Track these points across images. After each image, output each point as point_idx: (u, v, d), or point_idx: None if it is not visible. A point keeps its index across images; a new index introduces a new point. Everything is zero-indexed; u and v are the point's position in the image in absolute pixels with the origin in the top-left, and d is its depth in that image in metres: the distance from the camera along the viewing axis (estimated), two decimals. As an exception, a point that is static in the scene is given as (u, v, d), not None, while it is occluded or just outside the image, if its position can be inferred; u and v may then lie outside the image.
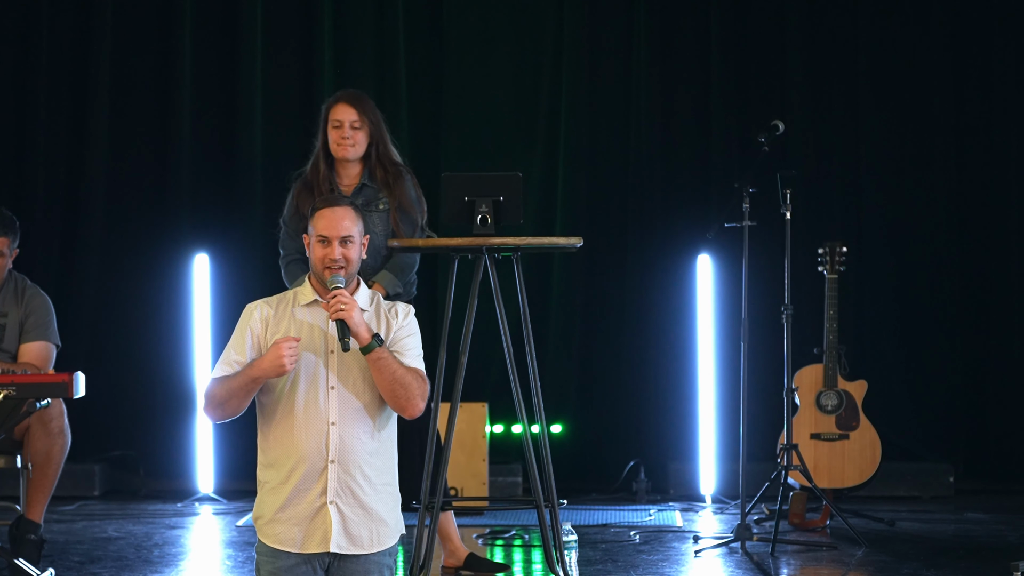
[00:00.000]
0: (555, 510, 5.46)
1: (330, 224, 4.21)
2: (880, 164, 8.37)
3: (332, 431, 4.14)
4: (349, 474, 4.15)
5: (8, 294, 6.08)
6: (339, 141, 5.78)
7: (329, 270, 4.20)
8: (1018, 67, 8.35)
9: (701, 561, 6.34)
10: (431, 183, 8.11)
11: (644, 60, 8.36)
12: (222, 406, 4.15)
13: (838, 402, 7.27)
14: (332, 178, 5.81)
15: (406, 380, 4.14)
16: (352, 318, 4.09)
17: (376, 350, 4.10)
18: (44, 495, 5.95)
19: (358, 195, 5.73)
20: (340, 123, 5.77)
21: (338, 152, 5.79)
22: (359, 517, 4.17)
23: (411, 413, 4.18)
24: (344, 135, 5.76)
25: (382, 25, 8.47)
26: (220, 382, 4.16)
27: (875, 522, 7.07)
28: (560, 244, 5.65)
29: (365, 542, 4.18)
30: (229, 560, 6.47)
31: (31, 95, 8.40)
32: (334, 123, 5.79)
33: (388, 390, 4.14)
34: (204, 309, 8.13)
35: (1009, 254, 8.33)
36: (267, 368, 4.09)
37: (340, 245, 4.21)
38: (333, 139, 5.79)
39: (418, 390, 4.16)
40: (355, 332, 4.10)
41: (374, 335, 4.12)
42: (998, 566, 5.96)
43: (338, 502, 4.15)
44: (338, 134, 5.78)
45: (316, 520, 4.15)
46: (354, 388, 4.17)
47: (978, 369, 8.35)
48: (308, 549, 4.16)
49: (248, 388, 4.12)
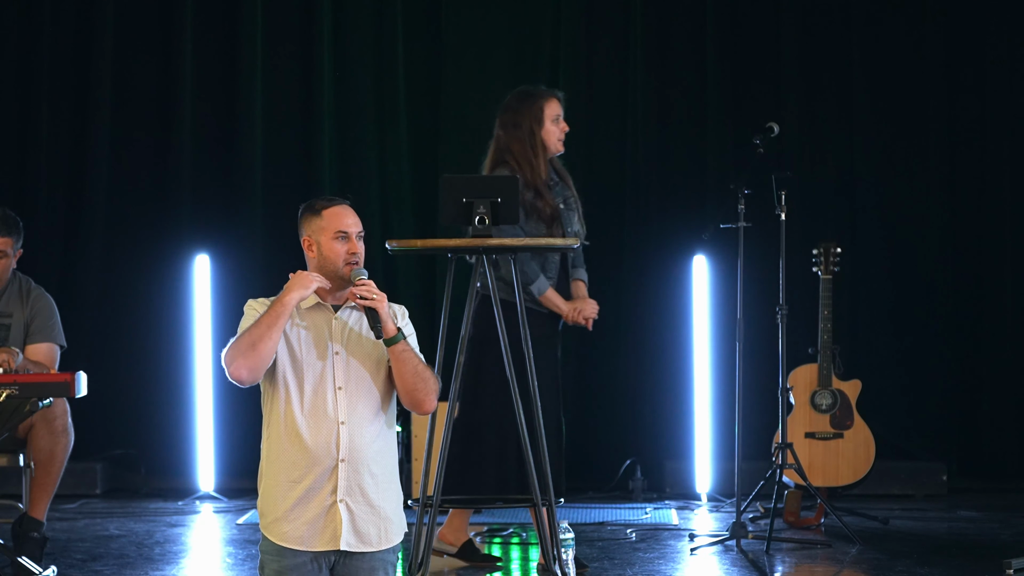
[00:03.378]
0: (552, 508, 5.51)
1: (346, 221, 4.27)
2: (874, 165, 8.40)
3: (342, 430, 4.17)
4: (358, 472, 4.18)
5: (12, 295, 6.08)
6: (560, 135, 5.90)
7: (350, 265, 4.24)
8: (1011, 70, 8.37)
9: (697, 559, 6.37)
10: (429, 184, 8.20)
11: (640, 62, 8.39)
12: (254, 347, 4.07)
13: (832, 401, 7.31)
14: (549, 174, 5.95)
15: (426, 374, 4.21)
16: (383, 308, 4.15)
17: (401, 342, 4.16)
18: (47, 493, 5.95)
19: (552, 188, 5.89)
20: (558, 117, 5.90)
21: (557, 147, 5.91)
22: (367, 515, 4.20)
23: (426, 408, 4.23)
24: (564, 129, 5.89)
25: (381, 27, 8.50)
26: (244, 332, 4.12)
27: (869, 520, 7.10)
28: (557, 245, 5.66)
29: (373, 539, 4.22)
30: (230, 558, 6.50)
31: (33, 96, 8.42)
32: (553, 117, 5.88)
33: (409, 383, 4.19)
34: (205, 309, 8.16)
35: (1002, 255, 8.35)
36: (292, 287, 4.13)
37: (357, 240, 4.27)
38: (554, 133, 5.89)
39: (433, 385, 4.23)
40: (384, 323, 4.16)
41: (398, 328, 4.18)
42: (991, 564, 5.99)
43: (348, 500, 4.18)
44: (559, 128, 5.88)
45: (326, 518, 4.17)
46: (360, 388, 4.20)
47: (971, 369, 8.38)
48: (317, 547, 4.18)
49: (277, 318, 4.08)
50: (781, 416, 6.84)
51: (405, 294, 8.28)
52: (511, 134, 5.93)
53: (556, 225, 5.92)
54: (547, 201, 5.89)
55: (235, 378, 4.14)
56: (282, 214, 8.34)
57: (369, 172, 8.50)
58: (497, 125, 6.02)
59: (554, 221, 5.91)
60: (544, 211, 5.88)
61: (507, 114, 5.99)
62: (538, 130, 5.91)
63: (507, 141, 5.94)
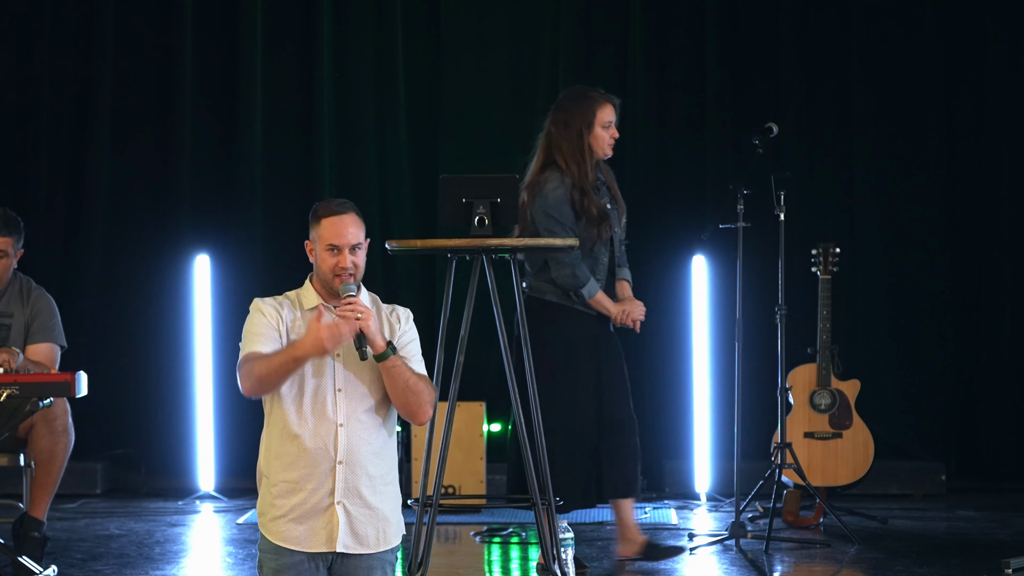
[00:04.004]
0: (551, 508, 5.52)
1: (339, 232, 4.20)
2: (873, 165, 8.41)
3: (340, 432, 4.17)
4: (356, 475, 4.18)
5: (13, 295, 6.10)
6: (610, 141, 5.90)
7: (339, 278, 4.20)
8: (1010, 69, 8.38)
9: (696, 558, 6.38)
10: (429, 184, 8.21)
11: (639, 63, 8.40)
12: (261, 381, 4.10)
13: (831, 401, 7.33)
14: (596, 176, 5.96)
15: (418, 387, 4.17)
16: (370, 327, 4.10)
17: (391, 358, 4.12)
18: (48, 493, 5.97)
19: (599, 190, 5.89)
20: (610, 124, 5.88)
21: (606, 151, 5.90)
22: (365, 517, 4.20)
23: (421, 420, 4.21)
24: (615, 135, 5.88)
25: (381, 27, 8.51)
26: (260, 359, 4.12)
27: (868, 520, 7.11)
28: (556, 245, 5.67)
29: (371, 541, 4.21)
30: (230, 557, 6.51)
31: (34, 97, 8.42)
32: (605, 123, 5.86)
33: (400, 397, 4.17)
34: (205, 309, 8.16)
35: (1001, 255, 8.36)
36: (308, 349, 4.07)
37: (350, 253, 4.20)
38: (603, 138, 5.88)
39: (428, 397, 4.20)
40: (371, 341, 4.11)
41: (388, 343, 4.15)
42: (989, 563, 6.01)
43: (345, 502, 4.18)
44: (608, 134, 5.88)
45: (323, 519, 4.17)
46: (360, 390, 4.19)
47: (970, 368, 8.39)
48: (313, 548, 4.18)
49: (288, 367, 4.09)
50: (780, 416, 6.85)
51: (405, 294, 8.29)
52: (561, 133, 5.94)
53: (604, 225, 5.93)
54: (593, 201, 5.90)
55: (242, 390, 4.18)
56: (282, 214, 8.37)
57: (369, 172, 8.51)
58: (549, 121, 6.03)
59: (603, 221, 5.92)
60: (591, 211, 5.90)
61: (559, 112, 6.00)
62: (586, 134, 5.91)
63: (557, 139, 5.95)
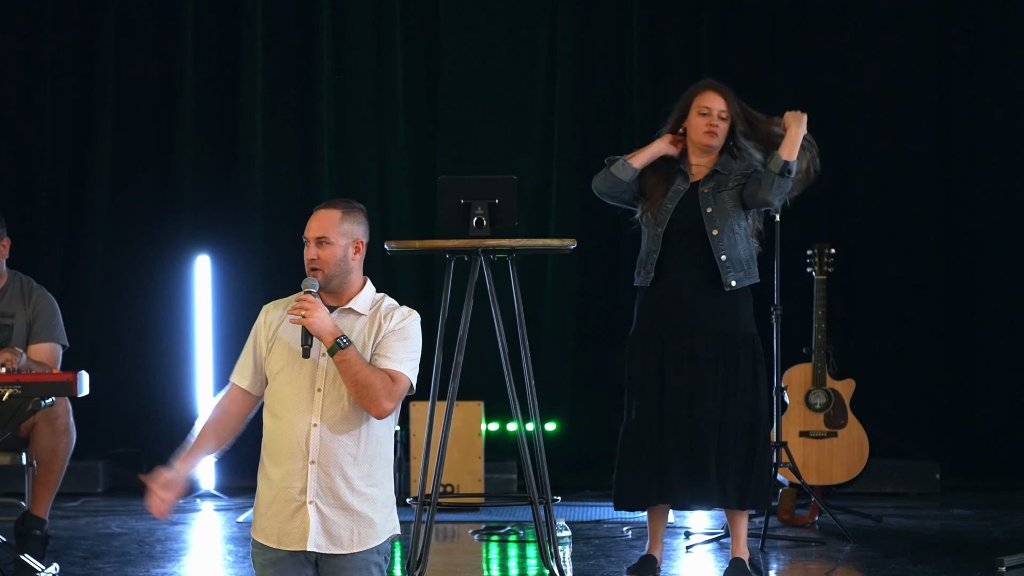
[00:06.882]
0: (549, 506, 5.55)
1: (309, 225, 4.22)
2: (868, 167, 8.44)
3: (313, 432, 4.14)
4: (329, 475, 4.13)
5: (14, 295, 6.10)
6: (707, 128, 5.75)
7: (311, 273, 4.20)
8: (1004, 71, 8.43)
9: (692, 556, 6.41)
10: (428, 185, 8.24)
11: (636, 64, 8.43)
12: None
13: (827, 400, 7.36)
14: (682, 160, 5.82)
15: (368, 380, 4.09)
16: (311, 324, 4.07)
17: (339, 352, 4.08)
18: (49, 492, 5.98)
19: (708, 181, 5.76)
20: (708, 111, 5.75)
21: (704, 139, 5.75)
22: (340, 518, 4.15)
23: (376, 413, 4.13)
24: (712, 123, 5.74)
25: (380, 28, 8.54)
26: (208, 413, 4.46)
27: (863, 518, 7.13)
28: (554, 246, 5.69)
29: (345, 542, 4.15)
30: (230, 556, 6.52)
31: (35, 98, 8.45)
32: (702, 110, 5.76)
33: (352, 391, 4.11)
34: (205, 310, 8.20)
35: (994, 255, 8.40)
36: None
37: (316, 246, 4.19)
38: (699, 125, 5.75)
39: (382, 391, 4.10)
40: (318, 336, 4.10)
41: (339, 338, 4.10)
42: (983, 561, 6.02)
43: (318, 502, 4.14)
44: (705, 121, 5.74)
45: (296, 518, 4.15)
46: (341, 391, 4.15)
47: (964, 368, 8.42)
48: (287, 546, 4.16)
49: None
50: (776, 415, 6.87)
51: (404, 295, 8.31)
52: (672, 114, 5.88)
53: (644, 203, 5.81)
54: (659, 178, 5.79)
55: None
56: (282, 215, 8.39)
57: (368, 173, 8.54)
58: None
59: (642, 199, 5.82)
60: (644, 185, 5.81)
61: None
62: (679, 118, 5.83)
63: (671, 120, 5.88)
